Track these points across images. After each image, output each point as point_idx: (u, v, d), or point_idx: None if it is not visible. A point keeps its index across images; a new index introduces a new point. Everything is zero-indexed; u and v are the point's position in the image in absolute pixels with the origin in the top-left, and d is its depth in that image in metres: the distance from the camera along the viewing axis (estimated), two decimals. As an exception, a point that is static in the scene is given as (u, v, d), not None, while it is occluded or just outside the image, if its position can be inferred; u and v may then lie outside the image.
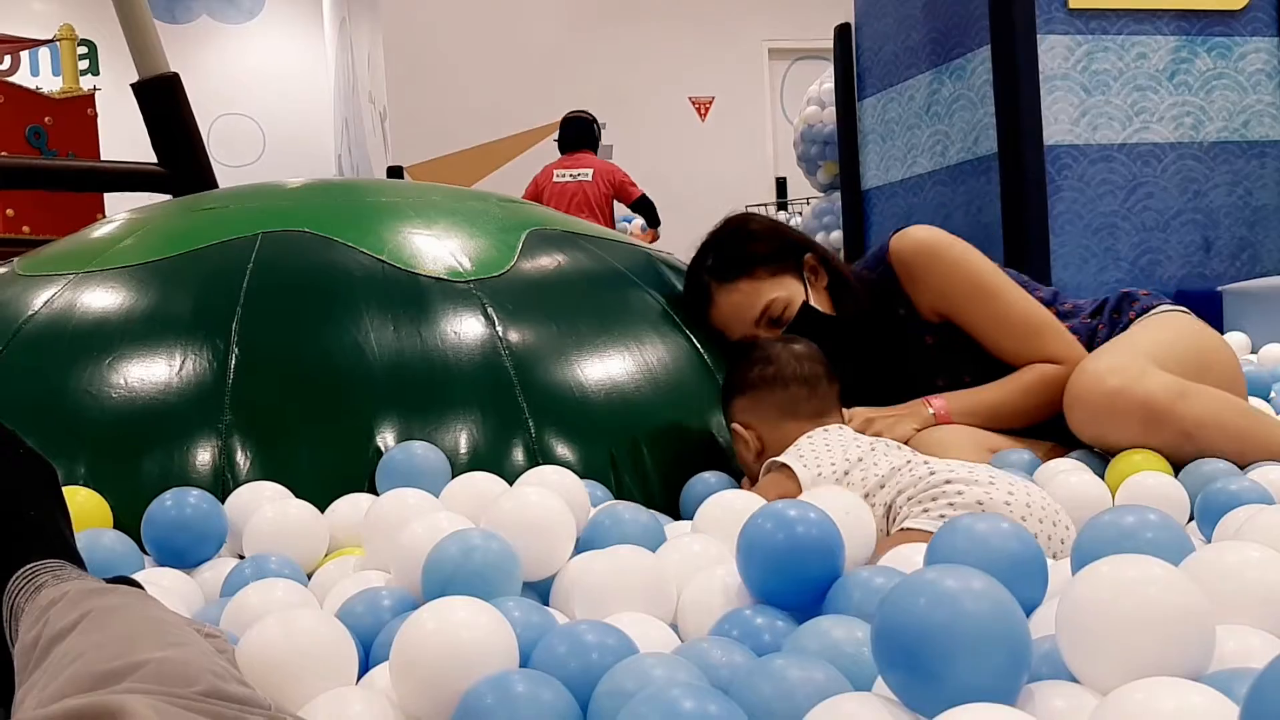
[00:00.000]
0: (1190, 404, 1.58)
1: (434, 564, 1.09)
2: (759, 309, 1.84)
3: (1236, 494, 1.33)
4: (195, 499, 1.38)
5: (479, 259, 1.85)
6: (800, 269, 1.87)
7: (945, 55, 4.45)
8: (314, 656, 0.92)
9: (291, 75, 11.74)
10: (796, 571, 1.04)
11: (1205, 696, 0.69)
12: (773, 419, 1.62)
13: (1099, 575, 0.80)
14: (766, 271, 1.85)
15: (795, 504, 1.08)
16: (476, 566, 1.08)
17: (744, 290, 1.84)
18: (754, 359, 1.66)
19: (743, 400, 1.65)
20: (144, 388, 1.59)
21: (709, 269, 1.88)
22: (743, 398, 1.65)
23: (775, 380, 1.63)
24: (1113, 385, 1.58)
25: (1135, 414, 1.57)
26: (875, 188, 5.15)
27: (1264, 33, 4.13)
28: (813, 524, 1.05)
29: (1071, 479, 1.46)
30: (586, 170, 6.30)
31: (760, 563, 1.05)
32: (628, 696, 0.81)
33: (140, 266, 1.81)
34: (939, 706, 0.72)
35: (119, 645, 0.75)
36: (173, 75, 3.39)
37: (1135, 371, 1.60)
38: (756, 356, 1.66)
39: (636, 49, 9.31)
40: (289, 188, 2.19)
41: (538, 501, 1.20)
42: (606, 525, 1.28)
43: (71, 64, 6.87)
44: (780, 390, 1.62)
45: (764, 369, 1.64)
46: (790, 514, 1.06)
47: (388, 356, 1.64)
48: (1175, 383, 1.60)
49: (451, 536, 1.11)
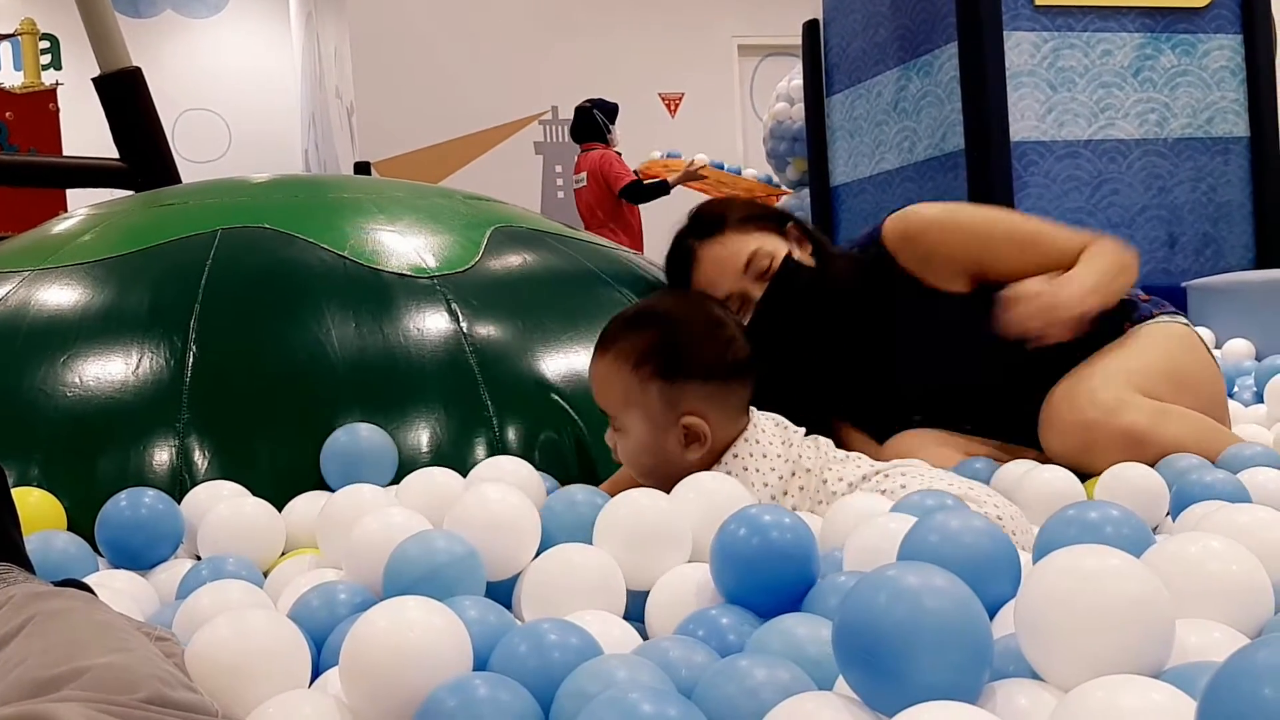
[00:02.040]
0: (1169, 427, 1.55)
1: (395, 568, 1.08)
2: (744, 258, 1.72)
3: (1210, 485, 1.33)
4: (150, 499, 1.36)
5: (443, 255, 1.83)
6: (783, 233, 1.79)
7: (912, 52, 4.46)
8: (265, 658, 0.90)
9: (257, 70, 11.64)
10: (771, 578, 1.02)
11: (1165, 694, 0.68)
12: (730, 414, 1.41)
13: (1055, 566, 0.80)
14: (749, 225, 1.76)
15: (770, 509, 1.06)
16: (440, 570, 1.06)
17: (726, 242, 1.75)
18: (714, 334, 1.42)
19: (703, 387, 1.38)
20: (99, 386, 1.56)
21: (689, 231, 1.81)
22: (704, 384, 1.38)
23: (747, 366, 1.42)
24: (1091, 417, 1.55)
25: (1114, 444, 1.53)
26: (844, 184, 5.16)
27: (1228, 30, 4.16)
28: (787, 529, 1.03)
29: (1045, 474, 1.45)
30: (582, 175, 6.39)
31: (734, 570, 1.03)
32: (589, 698, 0.80)
33: (97, 263, 1.78)
34: (899, 705, 0.72)
35: (62, 651, 0.73)
36: (135, 69, 3.36)
37: (1113, 402, 1.55)
38: (718, 332, 1.42)
39: (606, 44, 9.29)
40: (251, 183, 2.16)
41: (499, 499, 1.18)
42: (559, 510, 1.25)
43: (33, 58, 6.78)
44: (749, 379, 1.42)
45: (736, 350, 1.42)
46: (765, 519, 1.03)
47: (349, 354, 1.62)
48: (1154, 409, 1.57)
49: (414, 538, 1.10)
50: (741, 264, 1.73)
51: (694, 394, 1.37)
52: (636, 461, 1.41)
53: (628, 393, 1.38)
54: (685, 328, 1.41)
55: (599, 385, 1.42)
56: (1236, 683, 0.60)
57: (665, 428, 1.37)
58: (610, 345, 1.41)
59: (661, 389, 1.37)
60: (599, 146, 6.37)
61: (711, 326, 1.43)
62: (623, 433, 1.40)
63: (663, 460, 1.38)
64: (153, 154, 3.37)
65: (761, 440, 1.41)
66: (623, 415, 1.39)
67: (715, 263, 1.75)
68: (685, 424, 1.37)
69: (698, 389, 1.37)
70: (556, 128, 9.23)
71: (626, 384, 1.38)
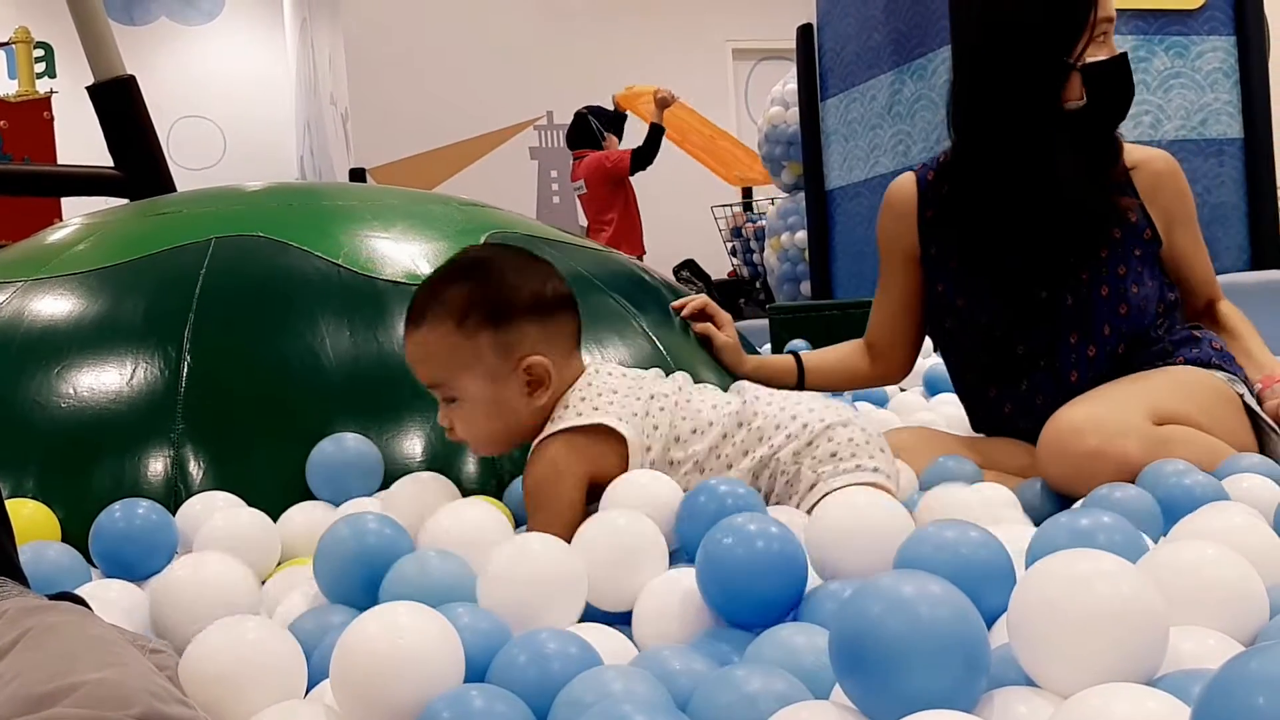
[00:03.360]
0: (1171, 454, 1.46)
1: (390, 584, 1.08)
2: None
3: (1189, 489, 1.32)
4: (144, 510, 1.35)
5: (438, 262, 1.83)
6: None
7: (907, 55, 4.46)
8: (260, 668, 0.90)
9: (252, 77, 11.64)
10: (758, 591, 1.00)
11: (1161, 701, 0.68)
12: (565, 352, 1.36)
13: (1048, 571, 0.80)
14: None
15: (756, 518, 1.05)
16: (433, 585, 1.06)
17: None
18: (532, 268, 1.37)
19: (536, 325, 1.32)
20: (94, 397, 1.56)
21: None
22: (536, 321, 1.32)
23: (571, 300, 1.37)
24: (1091, 445, 1.46)
25: (1110, 475, 1.44)
26: (839, 188, 5.16)
27: (1221, 32, 4.17)
28: (774, 539, 1.01)
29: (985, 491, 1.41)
30: (579, 182, 6.40)
31: (720, 582, 1.01)
32: (586, 709, 0.80)
33: (91, 273, 1.78)
34: (895, 714, 0.72)
35: (56, 666, 0.73)
36: (129, 77, 3.35)
37: (1113, 428, 1.47)
38: (536, 266, 1.37)
39: (600, 49, 9.30)
40: (245, 192, 2.16)
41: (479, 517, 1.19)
42: None
43: (27, 67, 6.77)
44: (575, 314, 1.37)
45: (556, 284, 1.37)
46: (751, 529, 1.02)
47: (344, 362, 1.62)
48: (1159, 435, 1.50)
49: (410, 557, 1.10)
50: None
51: (527, 334, 1.32)
52: (481, 428, 1.34)
53: (455, 354, 1.31)
54: (499, 268, 1.35)
55: (421, 360, 1.34)
56: (1231, 691, 0.60)
57: (504, 378, 1.31)
58: (424, 313, 1.33)
59: (493, 337, 1.31)
60: (590, 153, 6.38)
61: (526, 261, 1.38)
62: (459, 402, 1.33)
63: (508, 417, 1.33)
64: (147, 162, 3.37)
65: (606, 377, 1.37)
66: (455, 381, 1.32)
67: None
68: (527, 364, 1.31)
69: (529, 328, 1.32)
70: (552, 133, 9.24)
71: (453, 345, 1.30)
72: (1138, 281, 1.72)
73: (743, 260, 7.89)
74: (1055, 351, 1.73)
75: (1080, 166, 1.69)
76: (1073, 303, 1.71)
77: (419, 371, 1.36)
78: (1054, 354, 1.73)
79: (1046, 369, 1.74)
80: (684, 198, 8.46)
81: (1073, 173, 1.69)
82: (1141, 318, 1.72)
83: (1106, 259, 1.71)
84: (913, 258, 1.85)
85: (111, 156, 3.38)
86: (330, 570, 1.13)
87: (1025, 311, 1.73)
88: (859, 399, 2.54)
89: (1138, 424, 1.50)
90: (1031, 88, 1.67)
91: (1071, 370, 1.72)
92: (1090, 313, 1.71)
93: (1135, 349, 1.72)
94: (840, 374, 1.98)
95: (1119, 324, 1.71)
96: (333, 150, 9.86)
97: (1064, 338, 1.72)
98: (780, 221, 6.65)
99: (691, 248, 8.15)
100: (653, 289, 2.01)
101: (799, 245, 6.25)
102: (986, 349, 1.78)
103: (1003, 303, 1.75)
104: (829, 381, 1.99)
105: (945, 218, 1.79)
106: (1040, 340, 1.74)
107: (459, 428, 1.35)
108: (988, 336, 1.77)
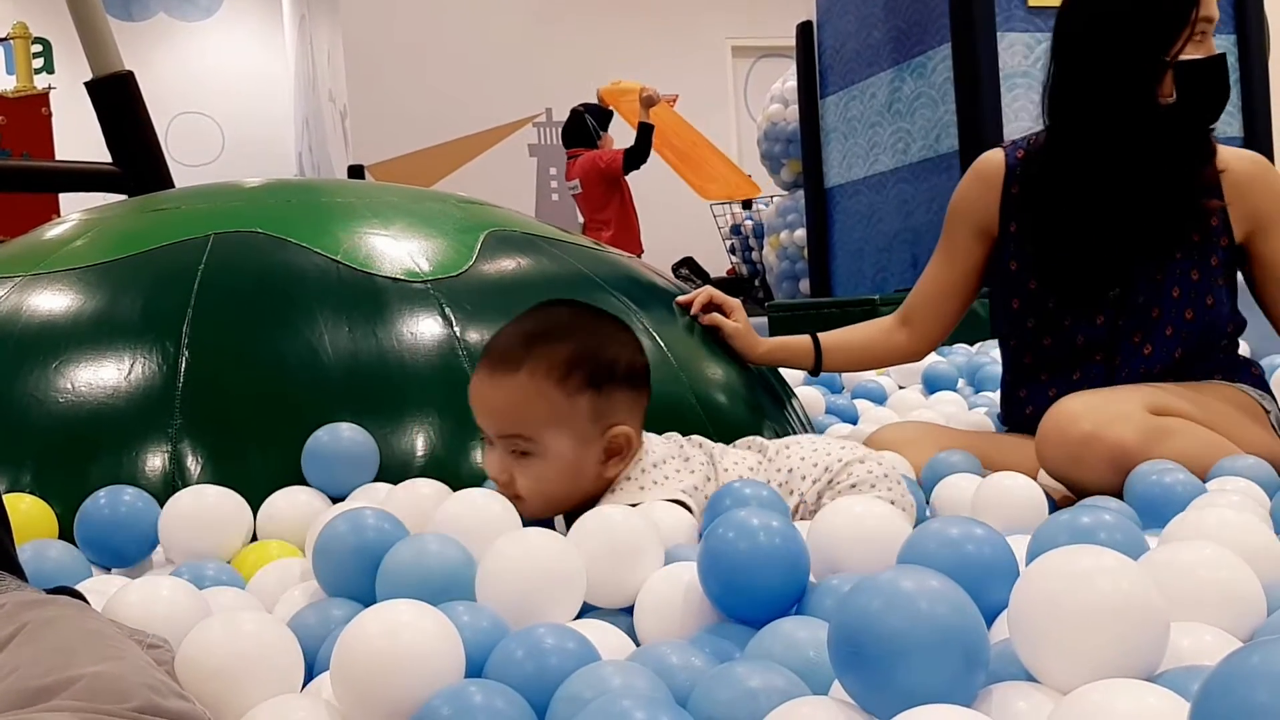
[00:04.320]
0: (1168, 445, 1.48)
1: (387, 572, 1.07)
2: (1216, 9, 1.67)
3: (1169, 487, 1.33)
4: (130, 497, 1.37)
5: (437, 259, 1.83)
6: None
7: (906, 53, 4.46)
8: (257, 661, 0.89)
9: (251, 73, 11.63)
10: (760, 586, 0.99)
11: (1161, 697, 0.68)
12: (639, 425, 1.34)
13: (1049, 567, 0.80)
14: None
15: (758, 512, 1.04)
16: (432, 573, 1.06)
17: None
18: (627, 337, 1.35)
19: (627, 394, 1.31)
20: (92, 392, 1.56)
21: None
22: (628, 391, 1.31)
23: (649, 374, 1.36)
24: (1085, 430, 1.48)
25: (1104, 460, 1.46)
26: (838, 185, 5.16)
27: (1222, 30, 4.17)
28: (775, 533, 1.01)
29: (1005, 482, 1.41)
30: (574, 182, 6.37)
31: (721, 577, 1.00)
32: (585, 704, 0.79)
33: (89, 268, 1.78)
34: (895, 710, 0.72)
35: (53, 660, 0.73)
36: (127, 74, 3.35)
37: (1109, 415, 1.49)
38: (629, 336, 1.36)
39: (599, 46, 9.30)
40: (243, 188, 2.16)
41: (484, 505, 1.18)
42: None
43: (25, 62, 6.77)
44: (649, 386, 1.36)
45: (642, 356, 1.35)
46: (753, 523, 1.01)
47: (343, 358, 1.62)
48: (1155, 425, 1.51)
49: (405, 542, 1.10)
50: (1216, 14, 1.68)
51: (620, 402, 1.30)
52: (550, 487, 1.28)
53: (549, 409, 1.26)
54: (601, 333, 1.33)
55: (503, 409, 1.28)
56: (1230, 687, 0.60)
57: (590, 442, 1.28)
58: (519, 362, 1.27)
59: (592, 401, 1.27)
60: (584, 151, 6.36)
61: (621, 329, 1.37)
62: (532, 458, 1.27)
63: (579, 482, 1.29)
64: (145, 158, 3.36)
65: (656, 449, 1.36)
66: (540, 436, 1.26)
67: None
68: (613, 433, 1.29)
69: (622, 396, 1.31)
70: (551, 130, 9.24)
71: (550, 401, 1.26)
72: (1211, 291, 1.71)
73: (742, 258, 7.90)
74: (1115, 347, 1.73)
75: (1168, 163, 1.69)
76: (1142, 300, 1.71)
77: (493, 419, 1.29)
78: (1113, 349, 1.74)
79: (1102, 362, 1.74)
80: (683, 195, 8.46)
81: (1159, 168, 1.68)
82: (1209, 330, 1.72)
83: (1180, 260, 1.70)
84: (986, 231, 1.85)
85: (110, 152, 3.38)
86: (329, 566, 1.13)
87: (1091, 302, 1.74)
88: (858, 396, 2.54)
89: (1133, 412, 1.51)
90: (1126, 81, 1.67)
91: (1124, 366, 1.73)
92: (1156, 312, 1.71)
93: (1194, 359, 1.72)
94: (861, 351, 1.97)
95: (1183, 328, 1.71)
96: (331, 147, 9.86)
97: (1127, 335, 1.73)
98: (780, 220, 6.65)
99: (690, 245, 8.15)
100: (653, 287, 2.01)
101: (798, 243, 6.26)
102: (1050, 334, 1.79)
103: (1071, 291, 1.75)
104: (849, 359, 1.98)
105: (1030, 199, 1.78)
106: (1101, 333, 1.74)
107: (522, 482, 1.27)
108: (1052, 322, 1.78)
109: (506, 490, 1.27)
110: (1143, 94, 1.67)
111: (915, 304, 1.93)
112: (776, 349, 1.92)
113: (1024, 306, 1.81)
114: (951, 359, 2.82)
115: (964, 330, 2.55)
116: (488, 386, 1.29)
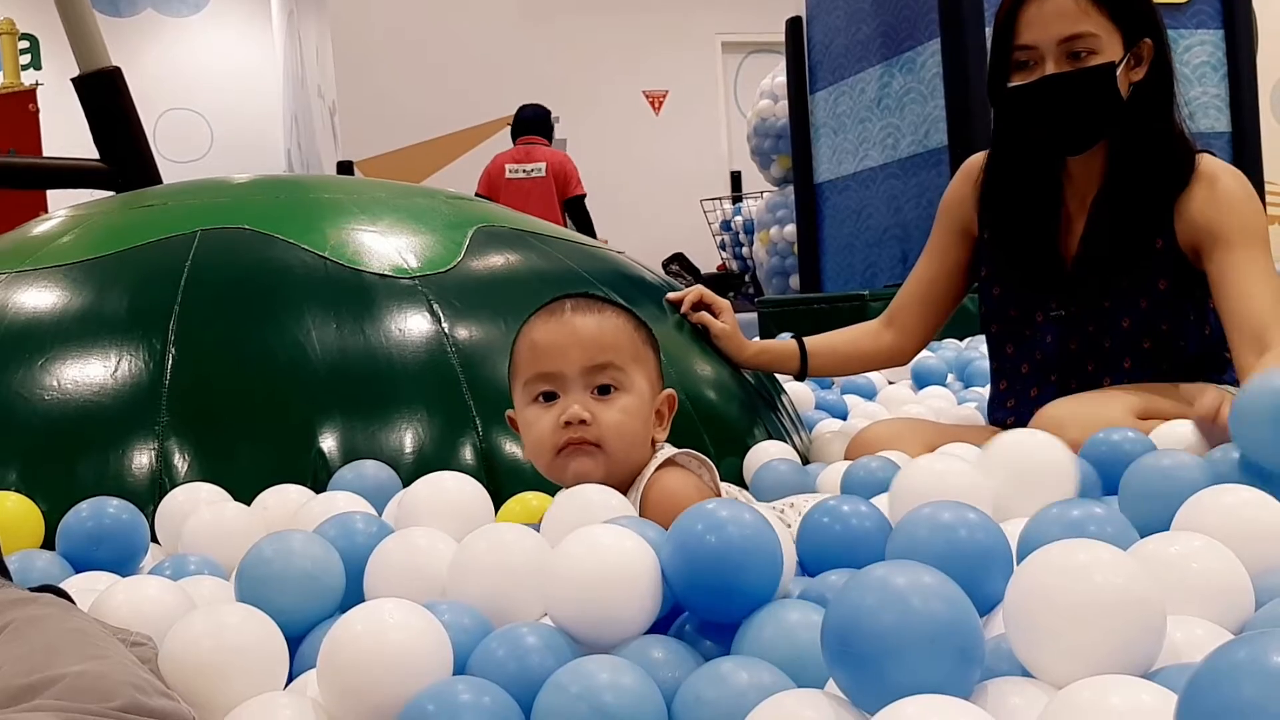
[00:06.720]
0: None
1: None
2: (1075, 30, 1.65)
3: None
4: (115, 509, 1.32)
5: (425, 256, 1.82)
6: (1132, 45, 1.69)
7: (895, 48, 4.47)
8: (241, 658, 0.89)
9: (239, 69, 11.60)
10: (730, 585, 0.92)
11: (1154, 693, 0.68)
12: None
13: (1044, 561, 0.80)
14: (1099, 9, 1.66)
15: (728, 504, 0.97)
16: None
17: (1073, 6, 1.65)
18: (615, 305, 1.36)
19: (656, 358, 1.33)
20: (78, 390, 1.55)
21: None
22: (656, 353, 1.34)
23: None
24: (1070, 439, 1.40)
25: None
26: (828, 181, 5.16)
27: (1209, 25, 4.18)
28: (747, 525, 0.94)
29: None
30: (539, 164, 6.07)
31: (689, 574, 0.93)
32: (572, 699, 0.79)
33: (75, 265, 1.77)
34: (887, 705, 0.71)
35: (37, 658, 0.72)
36: (114, 69, 3.34)
37: (1094, 422, 1.47)
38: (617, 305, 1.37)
39: (589, 42, 9.29)
40: (231, 184, 2.15)
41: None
42: None
43: (12, 58, 6.73)
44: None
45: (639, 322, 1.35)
46: (722, 514, 0.94)
47: (330, 355, 1.61)
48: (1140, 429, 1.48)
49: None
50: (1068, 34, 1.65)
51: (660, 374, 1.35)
52: (631, 426, 1.25)
53: (636, 350, 1.28)
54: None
55: (604, 334, 1.27)
56: (1217, 680, 0.60)
57: (654, 394, 1.29)
58: (602, 306, 1.31)
59: (654, 356, 1.33)
60: (546, 144, 6.21)
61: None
62: (622, 392, 1.25)
63: (646, 433, 1.28)
64: (133, 154, 3.36)
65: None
66: (631, 370, 1.26)
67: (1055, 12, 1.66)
68: (665, 394, 1.31)
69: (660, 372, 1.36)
70: (540, 126, 9.21)
71: (635, 341, 1.29)
72: (1169, 317, 1.70)
73: (732, 254, 7.90)
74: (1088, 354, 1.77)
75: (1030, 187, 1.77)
76: (1109, 307, 1.73)
77: (583, 349, 1.25)
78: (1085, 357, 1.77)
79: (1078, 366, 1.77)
80: (673, 190, 8.45)
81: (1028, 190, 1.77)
82: (1180, 341, 1.71)
83: (1137, 273, 1.71)
84: (967, 231, 1.87)
85: (97, 149, 3.37)
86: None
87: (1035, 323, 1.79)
88: (848, 392, 2.54)
89: (1119, 418, 1.51)
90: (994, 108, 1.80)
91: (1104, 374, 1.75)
92: (1126, 322, 1.73)
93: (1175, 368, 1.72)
94: (847, 355, 1.97)
95: (1141, 357, 1.72)
96: (320, 143, 9.84)
97: (1098, 343, 1.75)
98: (769, 215, 6.65)
99: (681, 241, 8.15)
100: (642, 282, 2.01)
101: (788, 239, 6.26)
102: (1011, 341, 1.83)
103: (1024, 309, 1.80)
104: (834, 363, 1.98)
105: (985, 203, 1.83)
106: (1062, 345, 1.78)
107: (607, 417, 1.24)
108: (1014, 328, 1.82)
109: (576, 432, 1.23)
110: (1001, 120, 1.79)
111: (901, 305, 1.94)
112: (763, 352, 1.92)
113: (989, 311, 1.87)
114: (941, 354, 2.82)
115: (954, 325, 2.55)
116: (574, 321, 1.27)
